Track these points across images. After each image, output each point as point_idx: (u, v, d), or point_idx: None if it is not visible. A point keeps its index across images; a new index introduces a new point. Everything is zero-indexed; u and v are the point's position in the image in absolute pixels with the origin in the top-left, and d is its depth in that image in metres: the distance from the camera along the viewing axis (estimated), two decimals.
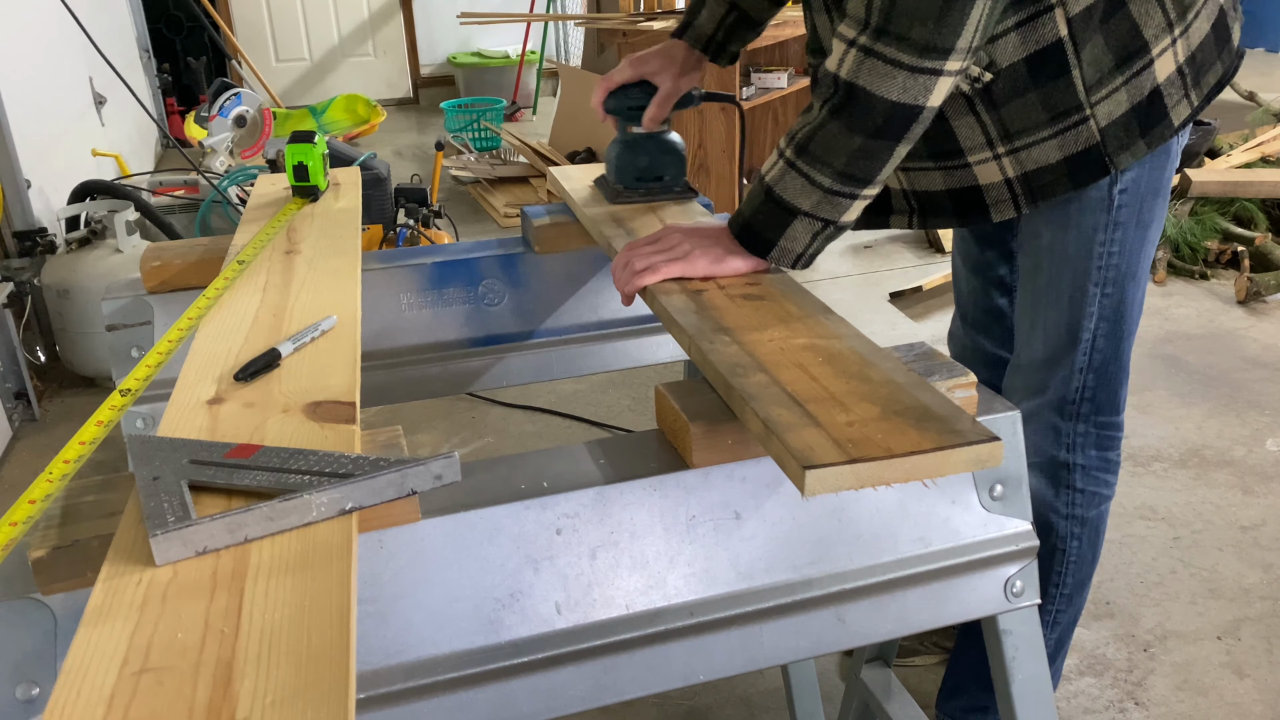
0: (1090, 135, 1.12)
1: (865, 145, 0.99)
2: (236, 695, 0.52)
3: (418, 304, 1.29)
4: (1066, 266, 1.23)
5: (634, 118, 1.30)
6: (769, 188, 1.04)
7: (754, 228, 1.06)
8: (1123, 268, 1.22)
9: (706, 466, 0.84)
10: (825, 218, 1.03)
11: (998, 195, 1.19)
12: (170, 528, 0.63)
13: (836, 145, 0.99)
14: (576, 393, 2.83)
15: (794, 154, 1.02)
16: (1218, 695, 1.72)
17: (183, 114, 5.29)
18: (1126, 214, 1.19)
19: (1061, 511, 1.37)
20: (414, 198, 3.20)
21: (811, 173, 1.01)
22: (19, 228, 2.89)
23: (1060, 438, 1.33)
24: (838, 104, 0.98)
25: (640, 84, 1.30)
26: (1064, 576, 1.42)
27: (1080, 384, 1.29)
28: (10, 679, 0.70)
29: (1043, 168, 1.15)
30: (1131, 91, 1.11)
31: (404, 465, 0.69)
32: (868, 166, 1.00)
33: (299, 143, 1.32)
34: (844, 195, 1.02)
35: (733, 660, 0.86)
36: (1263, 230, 3.50)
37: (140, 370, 0.88)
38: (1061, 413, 1.31)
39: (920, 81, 0.95)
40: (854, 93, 0.97)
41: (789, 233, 1.04)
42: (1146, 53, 1.10)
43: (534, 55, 6.46)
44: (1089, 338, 1.26)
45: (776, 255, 1.06)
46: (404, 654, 0.77)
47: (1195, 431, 2.51)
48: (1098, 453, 1.34)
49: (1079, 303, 1.24)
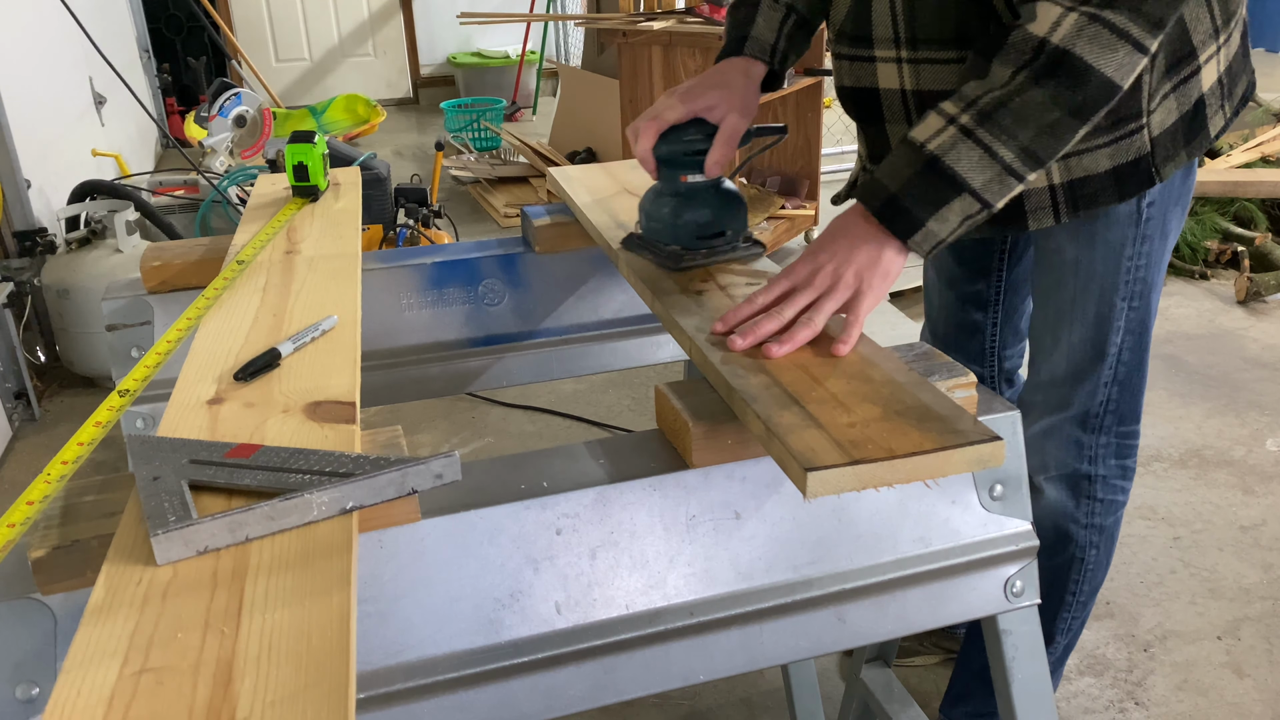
0: (1142, 145, 1.08)
1: (1059, 121, 0.89)
2: (237, 695, 0.52)
3: (418, 304, 1.29)
4: (1094, 282, 1.20)
5: (694, 165, 1.07)
6: (935, 157, 0.91)
7: (903, 203, 0.92)
8: (1148, 280, 1.20)
9: (706, 466, 0.84)
10: (988, 199, 0.91)
11: (1038, 202, 1.13)
12: (171, 527, 0.63)
13: (1031, 117, 0.89)
14: (576, 393, 2.83)
15: (974, 121, 0.90)
16: (1218, 695, 1.72)
17: (183, 114, 5.29)
18: (1153, 226, 1.16)
19: (1081, 521, 1.35)
20: (414, 198, 3.20)
21: (995, 145, 0.90)
22: (19, 228, 2.89)
23: (1082, 451, 1.30)
24: (1041, 70, 0.88)
25: (695, 123, 1.07)
26: (1080, 585, 1.41)
27: (1105, 397, 1.27)
28: (10, 679, 0.70)
29: (1090, 176, 1.10)
30: (1180, 100, 1.08)
31: (404, 464, 0.69)
32: (1052, 145, 0.90)
33: (299, 143, 1.32)
34: (1017, 176, 0.91)
35: (733, 660, 0.86)
36: (1263, 230, 3.50)
37: (138, 371, 0.88)
38: (1084, 426, 1.29)
39: (1135, 59, 0.88)
40: (1067, 61, 0.87)
41: (943, 213, 0.91)
42: (1194, 59, 1.07)
43: (534, 55, 6.46)
44: (1115, 351, 1.23)
45: (920, 239, 0.92)
46: (404, 654, 0.77)
47: (1195, 431, 2.51)
48: (1117, 461, 1.33)
49: (1106, 318, 1.21)
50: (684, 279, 1.06)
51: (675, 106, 1.07)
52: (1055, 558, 1.39)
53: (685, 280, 1.06)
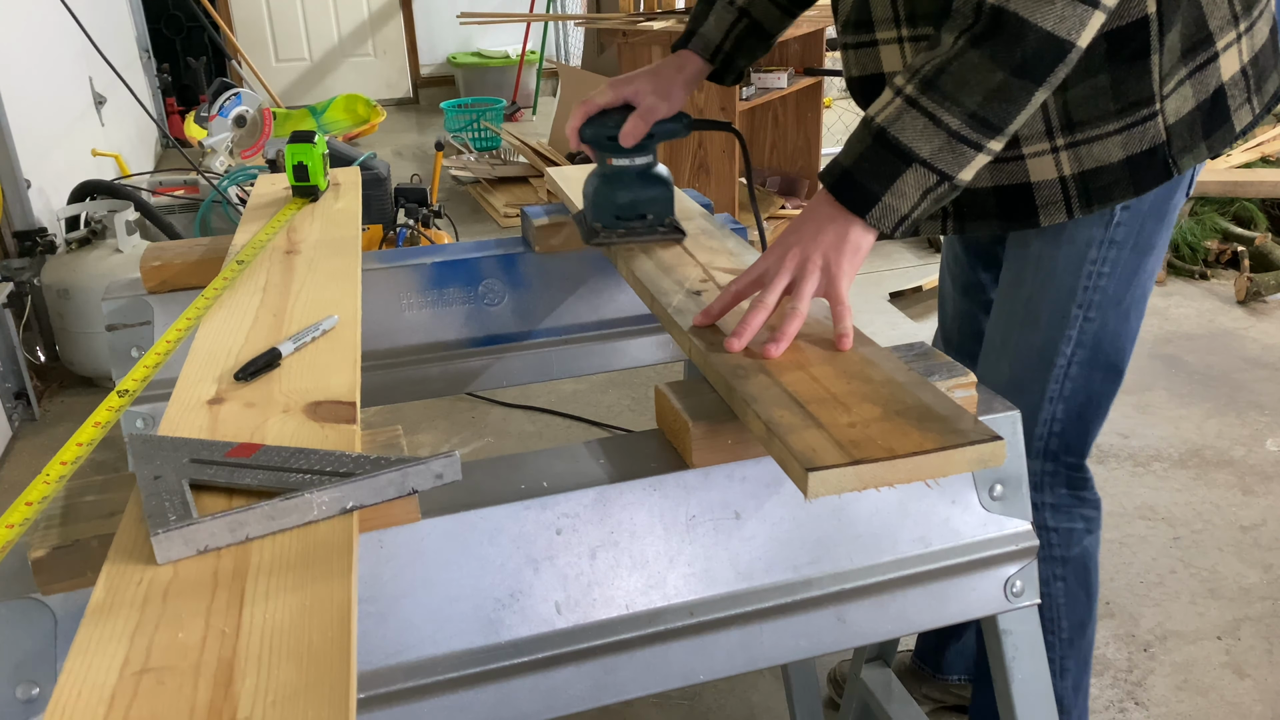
0: (1157, 133, 1.03)
1: (1005, 83, 0.87)
2: (237, 695, 0.52)
3: (418, 304, 1.29)
4: (1051, 282, 1.15)
5: (614, 148, 1.14)
6: (881, 129, 0.91)
7: (855, 177, 0.92)
8: (1110, 291, 1.14)
9: (706, 466, 0.84)
10: (943, 170, 0.90)
11: (1049, 195, 1.08)
12: (172, 526, 0.63)
13: (974, 80, 0.88)
14: (576, 393, 2.83)
15: (917, 89, 0.89)
16: (1218, 695, 1.72)
17: (183, 114, 5.29)
18: (1124, 233, 1.11)
19: (1039, 554, 1.30)
20: (414, 198, 3.20)
21: (938, 111, 0.88)
22: (19, 228, 2.89)
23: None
24: (980, 32, 0.87)
25: (623, 108, 1.13)
26: (1058, 622, 1.33)
27: (1049, 415, 1.20)
28: (10, 679, 0.70)
29: (1103, 166, 1.05)
30: (1197, 87, 1.04)
31: (405, 464, 0.69)
32: (1003, 110, 0.88)
33: (299, 143, 1.32)
34: (969, 144, 0.89)
35: (733, 660, 0.86)
36: (1263, 230, 3.50)
37: (138, 371, 0.88)
38: (1027, 447, 1.20)
39: (1078, 12, 0.86)
40: (1002, 19, 0.86)
41: (897, 186, 0.90)
42: (1211, 45, 1.03)
43: (534, 55, 6.46)
44: (1063, 364, 1.17)
45: (878, 214, 0.91)
46: (404, 654, 0.77)
47: (1195, 431, 2.51)
48: (1069, 491, 1.26)
49: (1057, 325, 1.16)
50: (684, 279, 1.06)
51: (605, 92, 1.14)
52: None
53: (685, 280, 1.06)
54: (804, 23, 3.79)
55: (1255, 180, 3.53)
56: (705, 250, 1.14)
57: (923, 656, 1.68)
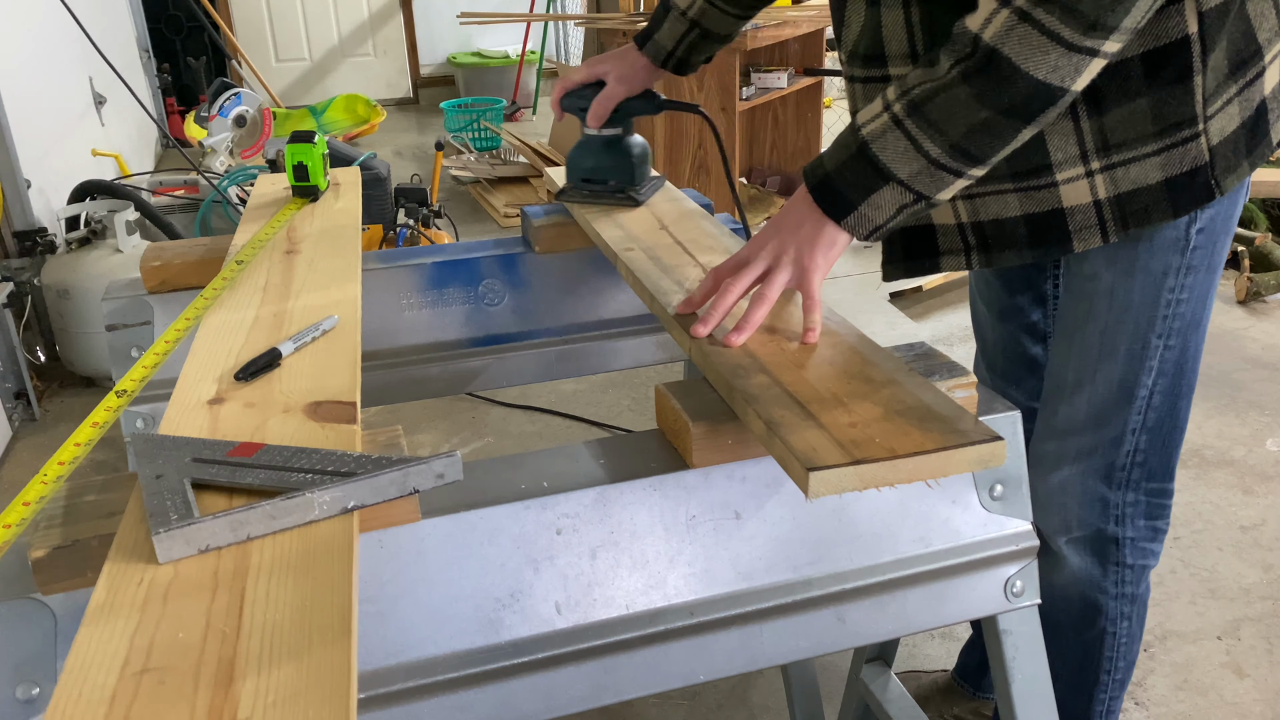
0: (1199, 154, 0.97)
1: (991, 121, 0.86)
2: (238, 695, 0.52)
3: (418, 304, 1.29)
4: (1128, 315, 1.09)
5: (584, 118, 1.31)
6: (865, 143, 0.90)
7: (835, 185, 0.92)
8: (1189, 316, 1.08)
9: (707, 466, 0.84)
10: (920, 191, 0.90)
11: (1083, 220, 1.02)
12: (174, 525, 0.63)
13: (959, 114, 0.86)
14: (576, 393, 2.83)
15: (904, 111, 0.88)
16: (1218, 695, 1.72)
17: (183, 114, 5.29)
18: (1201, 256, 1.05)
19: (1111, 591, 1.22)
20: (414, 198, 3.20)
21: (920, 138, 0.88)
22: (19, 228, 2.89)
23: (1108, 510, 1.18)
24: (972, 69, 0.85)
25: (595, 84, 1.30)
26: (1115, 662, 1.27)
27: (1132, 446, 1.15)
28: (10, 679, 0.70)
29: (1140, 189, 0.99)
30: (1243, 104, 0.98)
31: (406, 464, 0.69)
32: (986, 145, 0.87)
33: (299, 143, 1.32)
34: (949, 171, 0.89)
35: (733, 660, 0.86)
36: (1263, 230, 3.50)
37: (136, 371, 0.88)
38: (1110, 480, 1.16)
39: (1074, 61, 0.83)
40: (994, 60, 0.84)
41: (874, 199, 0.91)
42: (1260, 59, 0.97)
43: (534, 55, 6.46)
44: (1145, 395, 1.12)
45: (853, 222, 0.92)
46: (404, 654, 0.77)
47: (1195, 431, 2.51)
48: (1147, 522, 1.20)
49: (1138, 356, 1.10)
50: (684, 279, 1.06)
51: (580, 70, 1.31)
52: (1085, 633, 1.26)
53: (685, 281, 1.06)
54: (804, 23, 3.79)
55: (1255, 180, 3.53)
56: (705, 250, 1.14)
57: (964, 674, 1.63)
